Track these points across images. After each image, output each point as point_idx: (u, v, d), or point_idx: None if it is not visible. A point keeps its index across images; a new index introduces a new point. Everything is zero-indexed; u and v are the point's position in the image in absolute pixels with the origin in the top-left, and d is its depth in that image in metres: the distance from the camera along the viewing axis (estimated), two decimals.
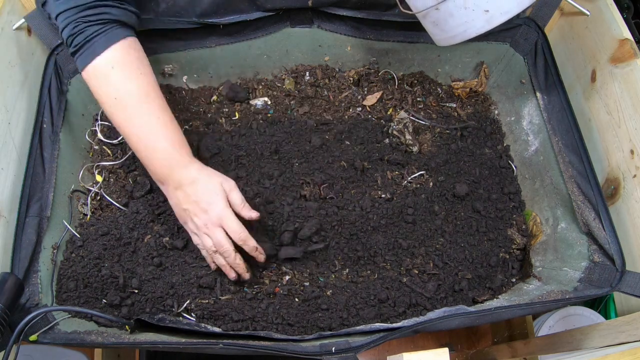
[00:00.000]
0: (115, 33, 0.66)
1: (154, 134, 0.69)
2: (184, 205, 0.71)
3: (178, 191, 0.71)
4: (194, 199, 0.70)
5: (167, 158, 0.69)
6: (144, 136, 0.68)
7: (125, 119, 0.68)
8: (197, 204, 0.70)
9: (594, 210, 0.74)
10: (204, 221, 0.71)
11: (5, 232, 0.71)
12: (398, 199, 0.87)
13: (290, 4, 0.85)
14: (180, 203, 0.71)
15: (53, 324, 0.67)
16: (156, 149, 0.69)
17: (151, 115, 0.68)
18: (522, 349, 0.96)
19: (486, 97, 1.02)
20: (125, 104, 0.67)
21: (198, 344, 0.65)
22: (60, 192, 0.79)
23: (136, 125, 0.68)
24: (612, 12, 0.80)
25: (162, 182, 0.72)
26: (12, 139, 0.76)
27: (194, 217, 0.71)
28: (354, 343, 0.65)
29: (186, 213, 0.72)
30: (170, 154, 0.69)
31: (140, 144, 0.69)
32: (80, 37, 0.65)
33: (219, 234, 0.71)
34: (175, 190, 0.71)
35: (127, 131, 0.69)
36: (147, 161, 0.70)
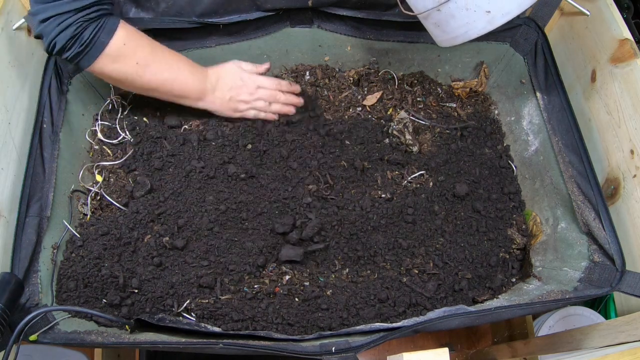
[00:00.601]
0: (111, 20, 0.72)
1: (178, 64, 0.81)
2: (227, 97, 0.87)
3: (217, 93, 0.86)
4: (230, 87, 0.87)
5: (196, 76, 0.82)
6: (175, 72, 0.80)
7: (155, 71, 0.77)
8: (234, 89, 0.87)
9: (594, 210, 0.74)
10: (249, 92, 0.88)
11: (5, 232, 0.71)
12: (398, 199, 0.87)
13: (290, 4, 0.85)
14: (225, 101, 0.87)
15: (53, 324, 0.67)
16: (187, 77, 0.81)
17: (166, 54, 0.80)
18: (522, 349, 0.96)
19: (486, 97, 1.02)
20: (148, 61, 0.76)
21: (198, 344, 0.65)
22: (60, 192, 0.79)
23: (166, 69, 0.79)
24: (612, 12, 0.80)
25: (202, 97, 0.85)
26: (12, 139, 0.76)
27: (240, 96, 0.87)
28: (354, 343, 0.65)
29: (233, 101, 0.87)
30: (195, 73, 0.82)
31: (175, 82, 0.80)
32: (85, 35, 0.68)
33: (263, 91, 0.89)
34: (214, 94, 0.86)
35: (161, 80, 0.79)
36: (185, 92, 0.82)
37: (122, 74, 0.75)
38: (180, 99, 0.84)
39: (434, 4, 0.64)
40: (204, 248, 0.81)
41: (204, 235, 0.82)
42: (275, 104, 0.90)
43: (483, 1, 0.61)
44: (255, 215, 0.84)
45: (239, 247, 0.81)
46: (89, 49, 0.70)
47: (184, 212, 0.83)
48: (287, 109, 0.91)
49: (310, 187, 0.86)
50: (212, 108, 0.87)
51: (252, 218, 0.84)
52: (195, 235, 0.81)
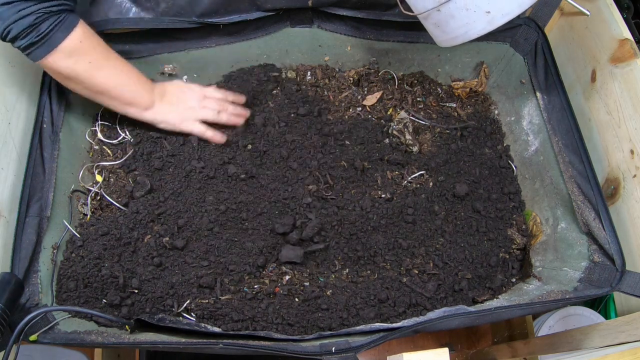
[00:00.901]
0: (72, 17, 0.71)
1: (129, 73, 0.80)
2: (174, 107, 0.86)
3: (164, 102, 0.85)
4: (177, 96, 0.87)
5: (145, 84, 0.82)
6: (125, 80, 0.79)
7: (108, 74, 0.76)
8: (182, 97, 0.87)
9: (594, 210, 0.74)
10: (196, 99, 0.87)
11: (5, 232, 0.71)
12: (398, 199, 0.87)
13: (290, 4, 0.85)
14: (172, 109, 0.86)
15: (53, 324, 0.67)
16: (136, 84, 0.81)
17: (118, 60, 0.79)
18: (522, 349, 0.96)
19: (486, 97, 1.02)
20: (101, 63, 0.75)
21: (198, 344, 0.65)
22: (60, 192, 0.78)
23: (118, 74, 0.78)
24: (612, 12, 0.80)
25: (149, 106, 0.83)
26: (12, 139, 0.76)
27: (187, 105, 0.87)
28: (354, 343, 0.65)
29: (179, 112, 0.86)
30: (144, 81, 0.82)
31: (125, 88, 0.79)
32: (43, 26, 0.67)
33: (210, 101, 0.89)
34: (161, 104, 0.85)
35: (112, 84, 0.77)
36: (133, 99, 0.81)
37: (73, 71, 0.73)
38: (128, 107, 0.82)
39: (434, 4, 0.64)
40: (204, 248, 0.81)
41: (204, 236, 0.82)
42: (224, 114, 0.88)
43: (483, 1, 0.61)
44: (255, 215, 0.84)
45: (239, 247, 0.81)
46: (44, 41, 0.68)
47: (184, 212, 0.83)
48: (235, 120, 0.90)
49: (310, 187, 0.86)
50: (160, 118, 0.85)
51: (252, 218, 0.84)
52: (195, 235, 0.81)
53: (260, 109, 0.94)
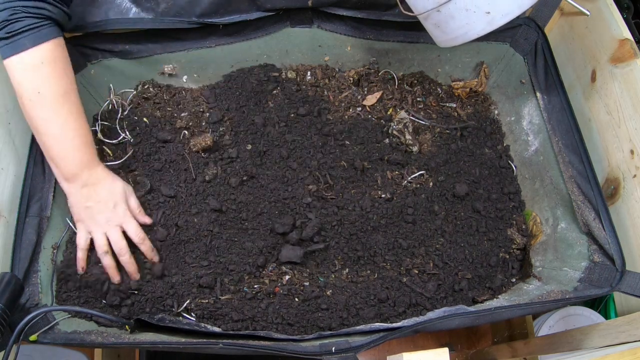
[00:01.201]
0: (49, 30, 0.67)
1: (72, 133, 0.71)
2: (88, 203, 0.74)
3: (84, 189, 0.73)
4: (101, 198, 0.75)
5: (81, 157, 0.72)
6: (61, 135, 0.70)
7: (45, 117, 0.68)
8: (103, 203, 0.75)
9: (594, 210, 0.74)
10: (107, 219, 0.75)
11: (5, 232, 0.71)
12: (398, 199, 0.87)
13: (290, 4, 0.85)
14: (83, 201, 0.74)
15: (53, 324, 0.67)
16: (71, 148, 0.71)
17: (70, 114, 0.70)
18: (522, 349, 0.96)
19: (486, 97, 1.02)
20: (48, 101, 0.68)
21: (198, 344, 0.65)
22: (60, 192, 0.78)
23: (56, 124, 0.69)
24: (612, 12, 0.80)
25: (69, 179, 0.73)
26: (12, 139, 0.76)
27: (97, 215, 0.74)
28: (354, 343, 0.65)
29: (88, 211, 0.74)
30: (83, 154, 0.72)
31: (56, 143, 0.70)
32: (16, 25, 0.64)
33: (117, 232, 0.75)
34: (81, 188, 0.73)
35: (44, 129, 0.69)
36: (58, 159, 0.71)
37: (19, 90, 0.67)
38: (52, 164, 0.73)
39: (434, 4, 0.64)
40: (204, 248, 0.81)
41: (204, 235, 0.82)
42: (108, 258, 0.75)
43: (483, 2, 0.61)
44: (255, 215, 0.84)
45: (239, 247, 0.81)
46: (11, 42, 0.64)
47: (184, 212, 0.83)
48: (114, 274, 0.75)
49: (310, 187, 0.86)
50: (70, 199, 0.75)
51: (252, 218, 0.84)
52: (195, 235, 0.81)
53: (260, 109, 0.94)
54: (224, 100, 0.94)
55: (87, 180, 0.73)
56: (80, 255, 0.75)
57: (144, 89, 0.94)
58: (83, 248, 0.75)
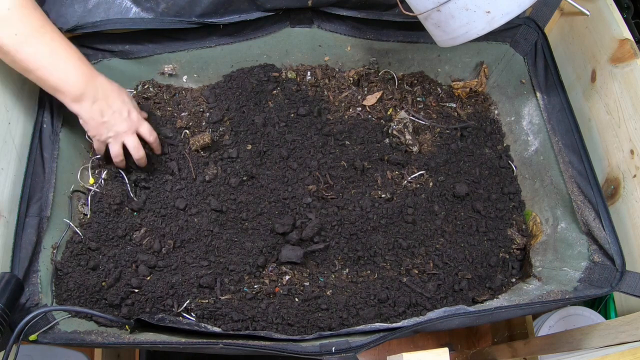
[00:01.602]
0: None
1: (64, 54, 0.71)
2: (105, 118, 0.76)
3: (95, 105, 0.75)
4: (115, 109, 0.77)
5: (82, 72, 0.73)
6: (54, 60, 0.70)
7: (32, 52, 0.68)
8: (118, 113, 0.77)
9: (594, 210, 0.74)
10: (124, 128, 0.78)
11: (5, 232, 0.71)
12: (398, 199, 0.87)
13: (290, 4, 0.85)
14: (99, 117, 0.76)
15: (53, 323, 0.67)
16: (69, 68, 0.71)
17: (54, 39, 0.70)
18: (522, 349, 0.96)
19: (486, 97, 1.02)
20: (29, 38, 0.68)
21: (198, 344, 0.65)
22: (60, 192, 0.79)
23: (46, 53, 0.69)
24: (612, 12, 0.80)
25: (78, 99, 0.73)
26: (12, 139, 0.76)
27: (115, 127, 0.77)
28: (354, 343, 0.65)
29: (106, 125, 0.77)
30: (82, 69, 0.73)
31: (53, 70, 0.70)
32: None
33: (135, 139, 0.80)
34: (93, 105, 0.74)
35: (36, 63, 0.69)
36: (60, 84, 0.71)
37: None
38: (54, 92, 0.73)
39: (434, 4, 0.64)
40: (204, 248, 0.81)
41: (204, 235, 0.82)
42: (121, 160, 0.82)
43: (483, 1, 0.61)
44: (255, 215, 0.84)
45: (239, 247, 0.81)
46: None
47: (184, 212, 0.83)
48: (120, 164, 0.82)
49: (310, 187, 0.86)
50: (83, 117, 0.76)
51: (252, 218, 0.84)
52: (195, 235, 0.82)
53: (260, 109, 0.94)
54: (224, 100, 0.94)
55: (95, 95, 0.74)
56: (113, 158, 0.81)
57: (144, 89, 0.94)
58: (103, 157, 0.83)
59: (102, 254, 0.79)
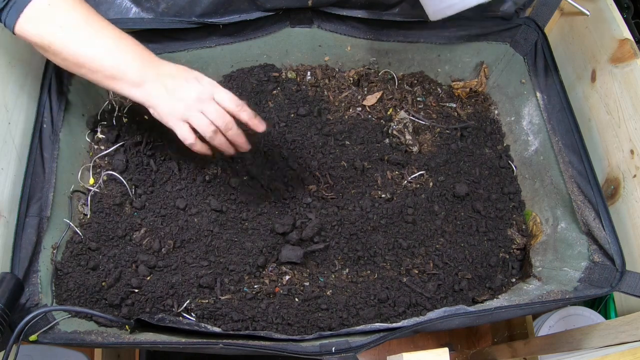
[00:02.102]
0: None
1: (115, 39, 0.67)
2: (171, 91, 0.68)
3: (159, 81, 0.68)
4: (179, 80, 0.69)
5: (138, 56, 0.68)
6: (108, 46, 0.66)
7: (84, 39, 0.65)
8: (184, 80, 0.69)
9: (594, 210, 0.74)
10: (197, 95, 0.68)
11: (5, 232, 0.71)
12: (398, 199, 0.87)
13: (290, 4, 0.85)
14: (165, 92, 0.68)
15: (53, 324, 0.67)
16: (123, 52, 0.67)
17: (104, 27, 0.67)
18: (522, 349, 0.96)
19: (486, 97, 1.02)
20: (76, 29, 0.65)
21: (198, 344, 0.65)
22: (60, 192, 0.79)
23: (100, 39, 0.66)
24: (612, 12, 0.80)
25: (142, 81, 0.68)
26: (12, 139, 0.76)
27: (185, 97, 0.68)
28: (354, 343, 0.65)
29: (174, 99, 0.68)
30: (138, 52, 0.68)
31: (107, 57, 0.66)
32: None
33: (214, 106, 0.69)
34: (156, 82, 0.68)
35: (90, 53, 0.66)
36: (119, 70, 0.67)
37: (44, 40, 0.64)
38: (112, 81, 0.68)
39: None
40: (204, 248, 0.81)
41: (204, 235, 0.82)
42: (219, 137, 0.71)
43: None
44: (255, 215, 0.84)
45: (239, 247, 0.81)
46: (12, 4, 0.62)
47: (184, 212, 0.83)
48: (228, 149, 0.73)
49: (310, 187, 0.86)
50: (151, 101, 0.69)
51: (252, 218, 0.84)
52: (195, 235, 0.82)
53: (260, 109, 0.94)
54: None
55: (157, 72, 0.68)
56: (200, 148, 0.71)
57: None
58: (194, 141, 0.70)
59: (102, 254, 0.79)
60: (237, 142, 0.72)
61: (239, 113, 0.71)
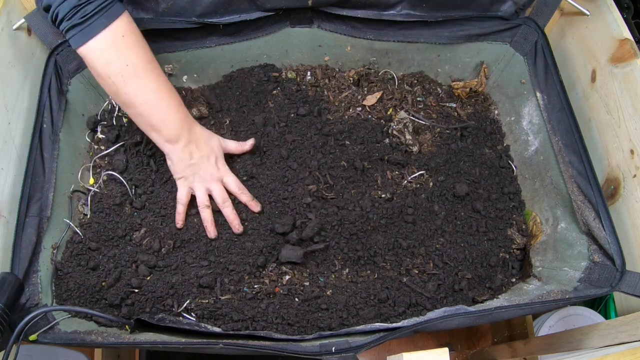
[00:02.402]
0: (118, 5, 0.68)
1: (167, 95, 0.73)
2: (192, 160, 0.78)
3: (186, 148, 0.77)
4: (203, 154, 0.79)
5: (180, 117, 0.75)
6: (158, 99, 0.72)
7: (140, 85, 0.70)
8: (206, 158, 0.79)
9: (594, 210, 0.74)
10: (210, 174, 0.79)
11: (5, 232, 0.71)
12: (398, 199, 0.87)
13: (290, 4, 0.85)
14: (187, 158, 0.77)
15: (53, 323, 0.67)
16: (171, 110, 0.73)
17: (160, 78, 0.72)
18: (522, 349, 0.96)
19: (486, 97, 1.02)
20: (139, 70, 0.69)
21: (198, 344, 0.65)
22: (60, 192, 0.79)
23: (151, 90, 0.71)
24: (612, 12, 0.80)
25: (173, 140, 0.75)
26: (12, 139, 0.76)
27: (201, 171, 0.79)
28: (354, 343, 0.65)
29: (192, 167, 0.78)
30: (182, 113, 0.75)
31: (155, 108, 0.72)
32: (88, 7, 0.64)
33: (220, 186, 0.81)
34: (184, 147, 0.76)
35: (142, 98, 0.70)
36: (160, 124, 0.73)
37: (106, 70, 0.68)
38: (151, 130, 0.74)
39: None
40: (204, 248, 0.81)
41: (203, 235, 0.82)
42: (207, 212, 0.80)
43: None
44: (255, 215, 0.84)
45: (239, 247, 0.81)
46: (88, 24, 0.64)
47: None
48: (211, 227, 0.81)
49: (310, 187, 0.86)
50: (174, 158, 0.78)
51: (252, 218, 0.84)
52: (195, 235, 0.82)
53: (260, 109, 0.94)
54: (224, 100, 0.94)
55: (189, 138, 0.76)
56: (181, 210, 0.81)
57: None
58: (184, 203, 0.81)
59: (102, 254, 0.79)
60: (231, 221, 0.81)
61: (240, 195, 0.82)
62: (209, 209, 0.80)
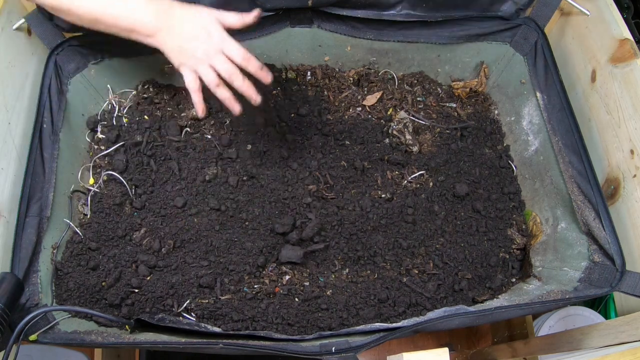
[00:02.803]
0: None
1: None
2: (184, 44, 0.71)
3: (171, 34, 0.70)
4: (192, 34, 0.71)
5: (152, 8, 0.69)
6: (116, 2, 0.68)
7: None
8: (194, 38, 0.71)
9: (594, 210, 0.74)
10: (205, 52, 0.71)
11: (5, 232, 0.71)
12: (398, 199, 0.87)
13: (290, 4, 0.85)
14: (178, 45, 0.71)
15: (53, 323, 0.67)
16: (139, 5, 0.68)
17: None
18: (522, 349, 0.96)
19: (486, 97, 1.02)
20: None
21: (198, 344, 0.65)
22: (60, 192, 0.79)
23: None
24: (612, 12, 0.80)
25: (155, 32, 0.70)
26: (12, 139, 0.76)
27: (195, 52, 0.71)
28: (354, 343, 0.65)
29: (185, 52, 0.71)
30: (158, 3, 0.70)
31: (119, 14, 0.68)
32: None
33: (222, 59, 0.72)
34: (168, 34, 0.70)
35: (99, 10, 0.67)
36: (132, 24, 0.69)
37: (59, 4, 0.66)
38: (129, 34, 0.71)
39: None
40: (204, 248, 0.81)
41: (203, 235, 0.82)
42: (224, 91, 0.73)
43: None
44: (255, 215, 0.84)
45: (239, 247, 0.81)
46: None
47: (184, 212, 0.83)
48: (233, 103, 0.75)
49: (310, 187, 0.86)
50: (163, 50, 0.72)
51: (252, 218, 0.84)
52: (195, 235, 0.82)
53: (260, 109, 0.94)
54: None
55: (169, 24, 0.70)
56: (197, 99, 0.74)
57: (144, 89, 0.94)
58: (196, 89, 0.74)
59: (102, 254, 0.79)
60: (247, 94, 0.74)
61: (246, 65, 0.73)
62: (221, 86, 0.73)
